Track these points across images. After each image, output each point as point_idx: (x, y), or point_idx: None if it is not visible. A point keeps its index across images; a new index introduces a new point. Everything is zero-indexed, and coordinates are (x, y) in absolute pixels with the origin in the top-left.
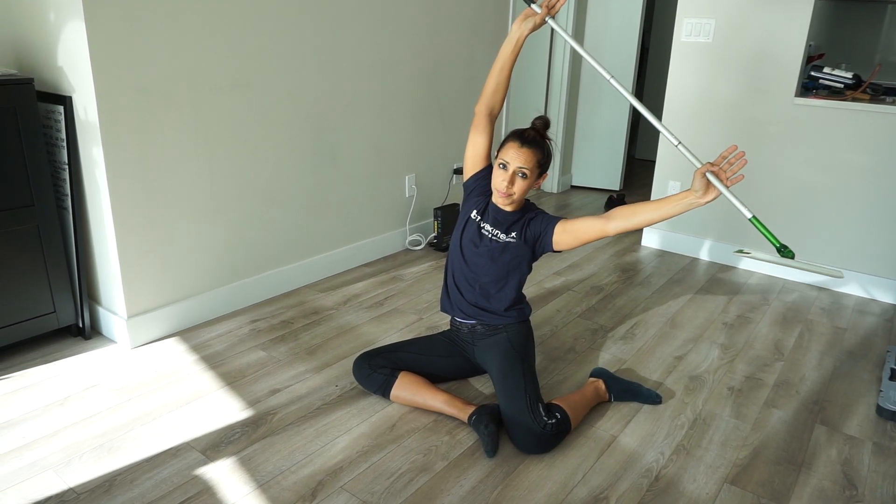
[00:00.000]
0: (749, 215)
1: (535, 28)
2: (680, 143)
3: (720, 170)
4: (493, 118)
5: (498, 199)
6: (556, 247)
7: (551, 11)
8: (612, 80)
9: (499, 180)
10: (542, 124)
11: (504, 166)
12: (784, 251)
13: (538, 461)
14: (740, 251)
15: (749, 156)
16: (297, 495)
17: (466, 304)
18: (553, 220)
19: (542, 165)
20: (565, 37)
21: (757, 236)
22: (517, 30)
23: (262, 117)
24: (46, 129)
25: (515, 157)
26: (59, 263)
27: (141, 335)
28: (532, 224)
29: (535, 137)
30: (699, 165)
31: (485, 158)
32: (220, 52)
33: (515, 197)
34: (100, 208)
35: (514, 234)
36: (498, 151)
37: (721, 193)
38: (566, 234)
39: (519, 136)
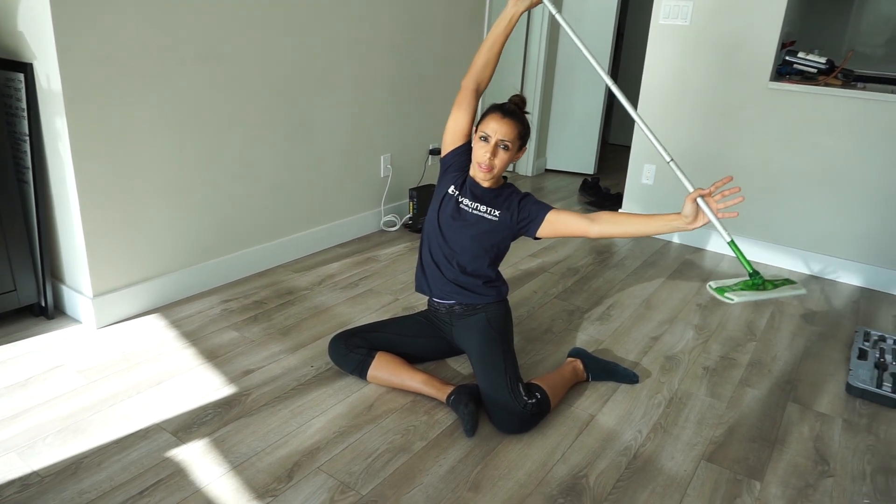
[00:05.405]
0: (728, 239)
1: (531, 6)
2: (672, 160)
3: (711, 198)
4: (478, 94)
5: (478, 174)
6: (538, 234)
7: None
8: (612, 85)
9: (481, 153)
10: (519, 100)
11: (485, 138)
12: (755, 277)
13: (517, 441)
14: (720, 291)
15: (723, 140)
16: (273, 476)
17: (445, 282)
18: (545, 209)
19: (522, 138)
20: (561, 21)
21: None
22: (512, 7)
23: (234, 91)
24: (6, 98)
25: (497, 128)
26: (19, 240)
27: (107, 315)
28: (522, 206)
29: (514, 110)
30: (690, 189)
31: (465, 135)
32: (191, 21)
33: (496, 171)
34: (63, 182)
35: (497, 212)
36: (477, 125)
37: (709, 221)
38: (550, 224)
39: (499, 108)
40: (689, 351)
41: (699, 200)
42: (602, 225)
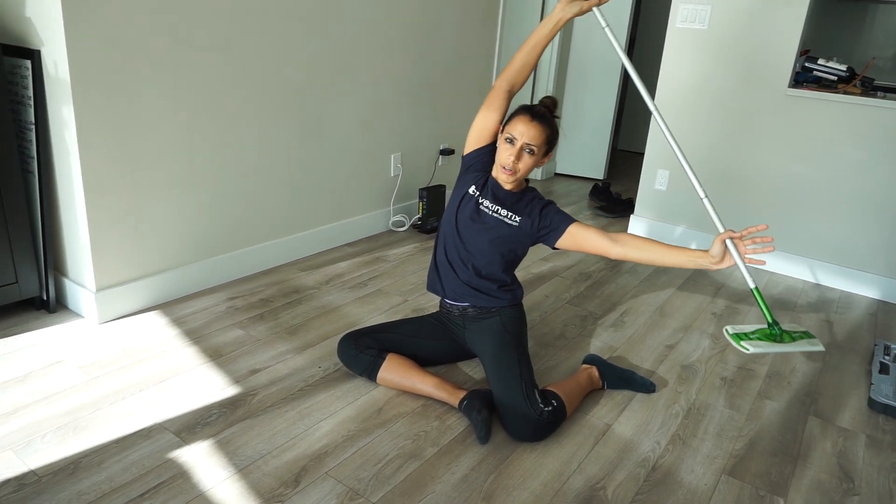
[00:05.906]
0: (752, 286)
1: (580, 13)
2: (706, 196)
3: (741, 241)
4: (511, 95)
5: (500, 176)
6: (557, 245)
7: (602, 0)
8: (655, 112)
9: (505, 155)
10: (550, 102)
11: (511, 140)
12: (773, 327)
13: (532, 449)
14: (737, 338)
15: (740, 146)
16: (279, 481)
17: (459, 283)
18: (568, 221)
19: (550, 143)
20: (610, 35)
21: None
22: (560, 11)
23: (246, 84)
24: (11, 86)
25: (524, 131)
26: (22, 231)
27: (110, 310)
28: (544, 214)
29: (544, 113)
30: (721, 229)
31: (492, 134)
32: (204, 10)
33: (520, 174)
34: (69, 172)
35: (518, 217)
36: (504, 125)
37: (735, 264)
38: (571, 237)
39: (528, 111)
40: (706, 360)
41: (728, 242)
42: (624, 247)
